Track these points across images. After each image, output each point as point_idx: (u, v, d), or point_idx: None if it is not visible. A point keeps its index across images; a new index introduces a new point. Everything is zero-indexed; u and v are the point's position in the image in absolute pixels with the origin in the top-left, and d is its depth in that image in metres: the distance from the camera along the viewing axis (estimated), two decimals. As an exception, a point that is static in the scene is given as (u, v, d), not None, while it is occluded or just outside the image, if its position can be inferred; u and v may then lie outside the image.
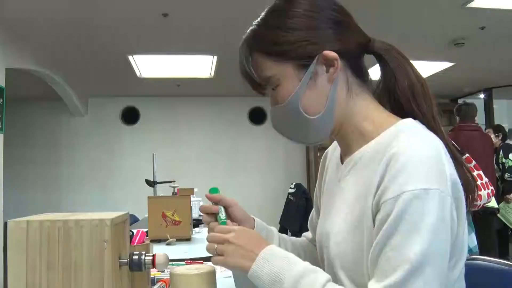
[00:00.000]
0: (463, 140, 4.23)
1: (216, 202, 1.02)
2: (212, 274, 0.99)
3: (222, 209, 1.01)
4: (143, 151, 7.43)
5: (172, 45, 4.99)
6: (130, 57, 5.50)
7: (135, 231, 1.22)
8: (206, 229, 2.81)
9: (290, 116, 0.90)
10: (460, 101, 8.46)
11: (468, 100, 7.80)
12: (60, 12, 4.08)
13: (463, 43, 5.05)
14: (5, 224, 0.83)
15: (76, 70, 6.11)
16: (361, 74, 0.93)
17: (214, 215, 1.00)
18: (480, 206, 3.27)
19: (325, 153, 1.11)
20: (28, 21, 4.31)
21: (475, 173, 3.31)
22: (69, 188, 7.64)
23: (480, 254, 1.31)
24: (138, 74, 6.25)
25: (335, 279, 0.86)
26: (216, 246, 0.87)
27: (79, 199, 7.56)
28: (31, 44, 4.96)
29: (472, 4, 3.99)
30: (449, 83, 7.21)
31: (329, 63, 0.86)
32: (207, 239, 0.91)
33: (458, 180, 0.78)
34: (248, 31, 0.92)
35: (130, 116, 7.90)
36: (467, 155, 3.40)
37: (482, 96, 7.90)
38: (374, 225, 0.77)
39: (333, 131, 0.93)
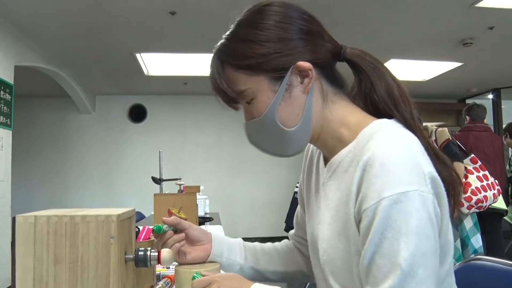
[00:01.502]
0: (472, 141, 4.21)
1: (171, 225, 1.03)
2: (216, 271, 1.00)
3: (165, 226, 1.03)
4: (150, 149, 7.46)
5: (180, 43, 5.01)
6: (137, 55, 5.52)
7: (141, 227, 1.23)
8: (211, 227, 2.81)
9: (267, 130, 0.88)
10: (468, 101, 8.42)
11: (477, 101, 7.75)
12: (68, 10, 4.10)
13: (471, 43, 5.02)
14: (14, 219, 0.84)
15: (84, 68, 6.14)
16: (335, 81, 0.92)
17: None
18: (486, 207, 3.25)
19: (308, 146, 1.08)
20: (36, 19, 4.34)
21: (480, 173, 3.30)
22: (76, 185, 7.69)
23: (487, 255, 1.31)
24: (145, 72, 6.28)
25: (327, 284, 0.86)
26: None
27: (85, 196, 7.61)
28: (39, 42, 5.00)
29: (481, 4, 3.97)
30: (457, 83, 7.17)
31: (303, 73, 0.85)
32: None
33: (437, 176, 0.77)
34: (218, 44, 0.91)
35: (137, 114, 7.93)
36: (473, 155, 3.39)
37: (490, 96, 7.85)
38: (359, 233, 0.76)
39: (311, 140, 0.92)
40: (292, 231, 1.21)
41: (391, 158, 0.74)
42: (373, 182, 0.73)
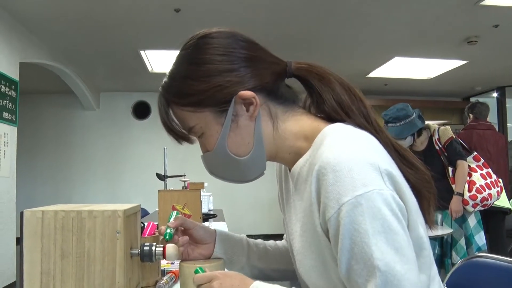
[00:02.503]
0: (475, 139, 4.20)
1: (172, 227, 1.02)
2: (220, 266, 1.01)
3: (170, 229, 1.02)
4: (154, 146, 7.47)
5: (184, 41, 5.00)
6: (142, 52, 5.53)
7: (146, 223, 1.24)
8: (215, 223, 2.82)
9: (222, 161, 0.89)
10: (472, 99, 8.39)
11: (481, 99, 7.72)
12: (73, 7, 4.12)
13: (476, 41, 5.01)
14: (21, 214, 0.85)
15: (88, 65, 6.16)
16: (284, 99, 0.92)
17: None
18: (491, 204, 3.25)
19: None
20: (41, 16, 4.36)
21: (483, 171, 3.29)
22: (80, 181, 7.72)
23: (490, 253, 1.31)
24: (149, 69, 6.29)
25: None
26: None
27: (90, 193, 7.64)
28: (44, 39, 5.02)
29: (486, 2, 3.96)
30: (462, 81, 7.15)
31: (247, 102, 0.85)
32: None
33: (394, 171, 0.77)
34: (162, 83, 0.91)
35: (142, 111, 7.95)
36: (475, 153, 3.38)
37: (495, 95, 7.83)
38: (329, 241, 0.76)
39: (269, 159, 0.92)
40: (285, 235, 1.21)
41: (342, 162, 0.73)
42: (330, 191, 0.73)
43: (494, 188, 3.23)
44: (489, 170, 3.32)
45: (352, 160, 0.73)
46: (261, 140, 0.88)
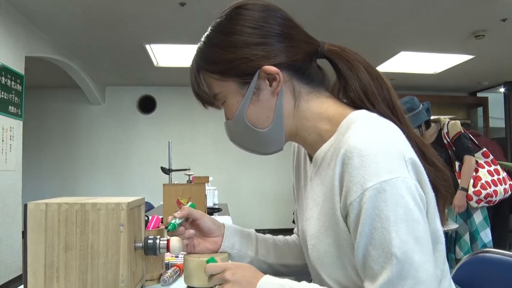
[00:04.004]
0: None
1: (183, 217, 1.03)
2: (225, 261, 1.00)
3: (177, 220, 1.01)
4: (159, 140, 7.50)
5: (189, 35, 5.00)
6: (147, 46, 5.53)
7: (150, 216, 1.24)
8: (220, 218, 2.83)
9: (241, 130, 0.91)
10: (479, 94, 8.34)
11: (488, 94, 7.67)
12: (78, 1, 4.11)
13: (483, 35, 4.97)
14: (25, 206, 0.85)
15: (94, 59, 6.17)
16: (312, 79, 0.91)
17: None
18: (496, 201, 3.23)
19: (293, 145, 1.09)
20: (47, 10, 4.36)
21: (491, 167, 3.27)
22: (86, 175, 7.76)
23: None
24: (155, 63, 6.29)
25: (321, 280, 0.86)
26: (217, 287, 0.86)
27: (95, 186, 7.67)
28: (50, 33, 5.02)
29: (494, -4, 3.93)
30: (468, 76, 7.10)
31: (271, 77, 0.85)
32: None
33: (418, 161, 0.76)
34: (196, 48, 0.93)
35: (147, 105, 7.97)
36: (484, 149, 3.36)
37: (502, 89, 7.77)
38: (348, 227, 0.76)
39: (288, 138, 0.93)
40: (295, 228, 1.21)
41: (368, 147, 0.73)
42: (354, 175, 0.72)
43: (501, 185, 3.20)
44: (498, 167, 3.29)
45: (379, 146, 0.74)
46: (281, 116, 0.89)
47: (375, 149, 0.73)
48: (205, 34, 0.91)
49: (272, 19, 0.87)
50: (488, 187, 3.17)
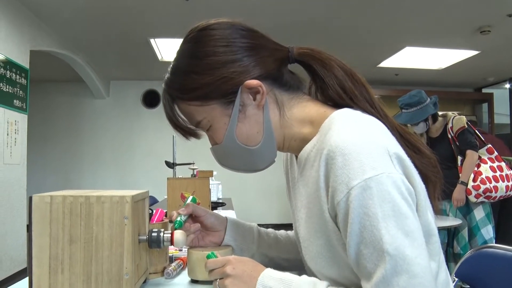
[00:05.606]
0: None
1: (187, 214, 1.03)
2: (229, 253, 1.01)
3: (182, 216, 1.02)
4: (163, 134, 7.50)
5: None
6: (151, 40, 5.53)
7: (154, 210, 1.24)
8: (224, 212, 2.83)
9: (233, 152, 0.89)
10: (484, 90, 8.30)
11: (493, 90, 7.62)
12: (83, -6, 4.12)
13: (489, 31, 4.94)
14: (30, 199, 0.86)
15: (98, 53, 6.17)
16: (290, 85, 0.91)
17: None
18: (497, 197, 3.21)
19: None
20: (52, 4, 4.36)
21: (494, 164, 3.26)
22: (90, 169, 7.78)
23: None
24: (159, 57, 6.29)
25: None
26: (218, 281, 0.86)
27: (99, 180, 7.70)
28: (55, 27, 5.03)
29: (500, -9, 3.90)
30: (474, 72, 7.07)
31: (253, 91, 0.84)
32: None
33: (404, 155, 0.76)
34: (165, 79, 0.91)
35: (151, 99, 7.98)
36: (489, 145, 3.34)
37: (507, 85, 7.73)
38: (338, 227, 0.76)
39: (278, 149, 0.92)
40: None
41: (350, 145, 0.72)
42: (339, 174, 0.72)
43: (504, 182, 3.19)
44: (502, 164, 3.27)
45: (361, 143, 0.73)
46: (271, 128, 0.87)
47: (358, 147, 0.72)
48: (172, 64, 0.90)
49: (238, 34, 0.86)
50: (488, 182, 3.16)
